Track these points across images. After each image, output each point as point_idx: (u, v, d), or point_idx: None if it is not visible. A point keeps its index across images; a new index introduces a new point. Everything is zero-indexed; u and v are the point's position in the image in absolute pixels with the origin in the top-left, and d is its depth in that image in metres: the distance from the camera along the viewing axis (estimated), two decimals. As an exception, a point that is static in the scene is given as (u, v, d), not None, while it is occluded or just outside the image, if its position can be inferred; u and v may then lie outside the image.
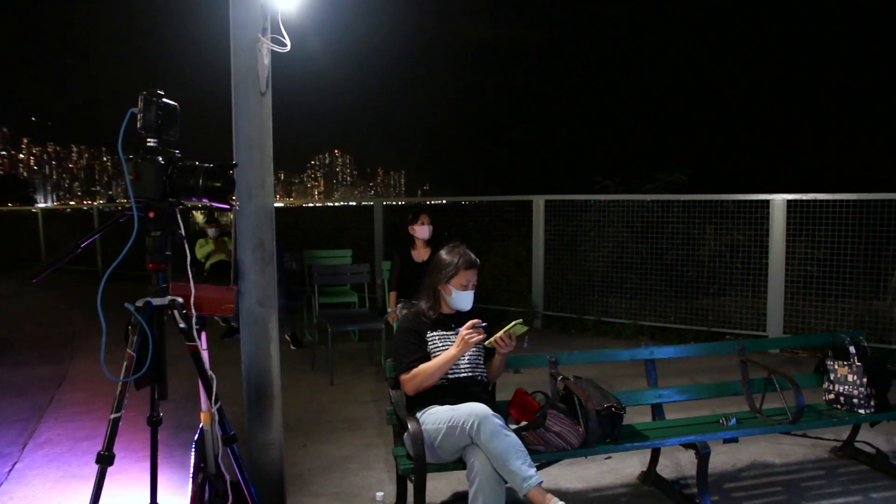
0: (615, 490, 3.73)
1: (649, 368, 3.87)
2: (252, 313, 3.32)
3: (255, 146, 3.28)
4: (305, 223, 12.60)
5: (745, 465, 4.04)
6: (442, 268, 3.38)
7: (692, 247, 7.65)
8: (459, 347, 3.12)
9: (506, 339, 3.17)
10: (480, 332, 3.13)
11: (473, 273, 3.37)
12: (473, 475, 2.86)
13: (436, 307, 3.39)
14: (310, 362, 6.51)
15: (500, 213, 9.36)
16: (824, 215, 6.69)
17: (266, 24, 3.23)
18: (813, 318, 6.81)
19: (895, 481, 3.76)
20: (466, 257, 3.37)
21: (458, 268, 3.34)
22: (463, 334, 3.11)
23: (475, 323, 3.14)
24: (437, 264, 3.43)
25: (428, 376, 3.16)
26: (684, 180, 9.04)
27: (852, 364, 3.78)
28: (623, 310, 7.95)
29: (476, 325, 3.13)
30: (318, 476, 3.92)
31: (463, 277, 3.34)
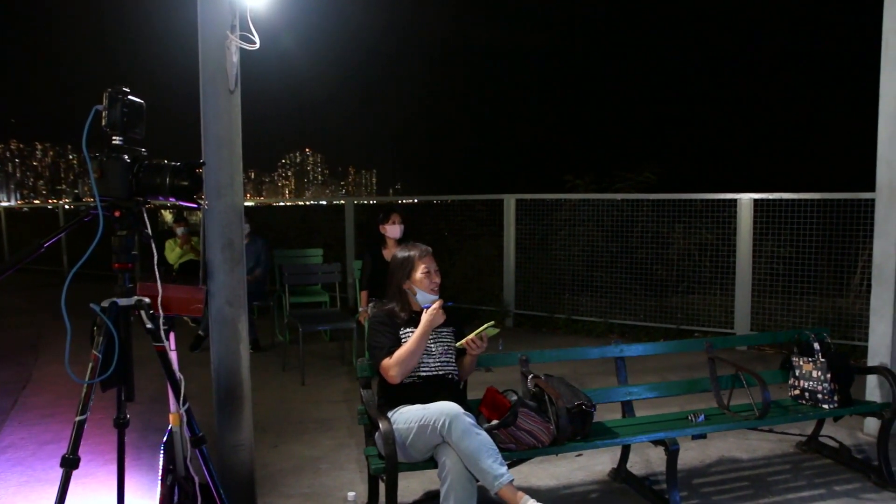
0: (586, 487, 3.76)
1: (619, 366, 3.91)
2: (222, 314, 3.29)
3: (224, 145, 3.25)
4: (276, 222, 12.51)
5: (713, 461, 4.09)
6: (400, 267, 3.41)
7: (661, 245, 7.74)
8: (430, 320, 3.18)
9: (477, 340, 3.18)
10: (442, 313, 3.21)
11: (430, 259, 3.41)
12: (445, 474, 2.86)
13: (406, 308, 3.38)
14: (281, 363, 6.46)
15: (471, 212, 9.39)
16: (790, 214, 6.80)
17: (235, 22, 3.20)
18: (779, 316, 6.93)
19: (858, 474, 3.84)
20: (418, 248, 3.43)
21: (413, 260, 3.39)
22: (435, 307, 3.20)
23: (443, 303, 3.22)
24: (394, 266, 3.45)
25: (410, 355, 3.16)
26: (654, 180, 9.13)
27: (816, 360, 3.85)
28: (594, 308, 8.01)
29: (442, 305, 3.21)
30: (289, 477, 3.89)
31: (422, 266, 3.37)
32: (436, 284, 3.38)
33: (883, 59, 4.34)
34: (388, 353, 3.21)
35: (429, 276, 3.37)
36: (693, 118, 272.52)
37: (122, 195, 2.30)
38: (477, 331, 3.18)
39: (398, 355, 3.18)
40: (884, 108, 4.35)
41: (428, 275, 3.37)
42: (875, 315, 4.46)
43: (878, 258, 4.45)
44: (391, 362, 3.18)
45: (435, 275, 3.39)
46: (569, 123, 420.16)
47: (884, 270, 4.40)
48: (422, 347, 3.19)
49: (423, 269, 3.37)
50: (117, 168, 2.28)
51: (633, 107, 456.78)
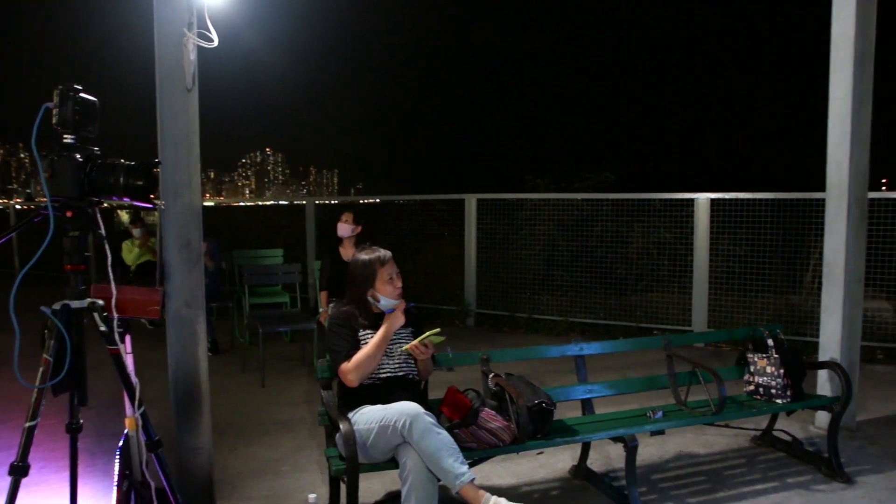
0: (547, 484, 3.79)
1: (579, 364, 3.95)
2: (179, 315, 3.25)
3: (182, 144, 3.21)
4: (236, 222, 12.38)
5: (671, 457, 4.16)
6: (362, 274, 3.34)
7: (621, 244, 7.84)
8: (391, 323, 3.19)
9: (421, 347, 3.16)
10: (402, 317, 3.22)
11: (392, 264, 3.37)
12: (406, 474, 2.86)
13: (365, 312, 3.35)
14: (240, 364, 6.38)
15: (432, 212, 9.40)
16: (745, 214, 6.95)
17: (192, 19, 3.16)
18: (735, 313, 7.07)
19: (809, 466, 3.94)
20: (378, 254, 3.37)
21: (375, 268, 3.32)
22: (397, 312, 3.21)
23: (406, 306, 3.24)
24: (355, 272, 3.37)
25: (369, 359, 3.14)
26: (613, 179, 9.24)
27: (770, 356, 3.94)
28: (554, 307, 8.08)
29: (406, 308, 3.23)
30: (249, 479, 3.85)
31: (384, 274, 3.32)
32: (399, 289, 3.35)
33: (832, 61, 4.45)
34: (346, 357, 3.18)
35: (392, 283, 3.32)
36: (651, 119, 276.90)
37: (73, 195, 2.25)
38: (420, 337, 3.17)
39: (356, 360, 3.15)
40: (833, 110, 4.47)
41: (391, 281, 3.32)
42: (826, 312, 4.57)
43: (828, 257, 4.56)
44: (349, 367, 3.16)
45: (397, 279, 3.35)
46: (529, 124, 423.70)
47: (834, 269, 4.51)
48: (381, 352, 3.17)
49: (385, 276, 3.31)
50: (69, 167, 2.23)
51: (592, 107, 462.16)
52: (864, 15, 4.34)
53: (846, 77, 4.38)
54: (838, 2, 4.40)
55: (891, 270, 6.35)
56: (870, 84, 4.43)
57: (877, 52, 4.45)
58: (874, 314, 6.53)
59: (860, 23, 4.32)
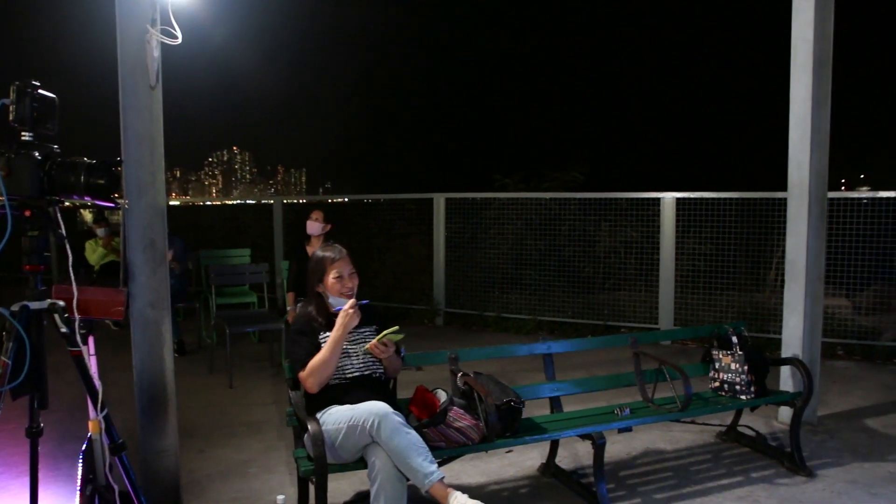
0: (516, 482, 3.81)
1: (547, 363, 3.97)
2: (144, 316, 3.21)
3: (145, 142, 3.17)
4: (203, 222, 12.22)
5: (639, 453, 4.21)
6: (314, 269, 3.34)
7: (589, 243, 7.90)
8: (343, 324, 3.12)
9: (380, 346, 3.13)
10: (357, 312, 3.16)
11: (344, 263, 3.30)
12: (375, 474, 2.85)
13: (322, 310, 3.32)
14: (208, 365, 6.31)
15: (401, 211, 9.39)
16: (710, 213, 7.05)
17: (155, 15, 3.12)
18: (701, 311, 7.17)
19: (773, 461, 4.02)
20: (332, 250, 3.34)
21: (325, 263, 3.30)
22: (347, 311, 3.13)
23: (354, 303, 3.16)
24: (309, 268, 3.38)
25: (324, 364, 3.10)
26: (580, 179, 9.31)
27: (735, 353, 4.00)
28: (523, 306, 8.12)
29: (356, 304, 3.16)
30: (216, 482, 3.81)
31: (334, 271, 3.28)
32: (349, 289, 3.28)
33: (792, 65, 4.54)
34: (302, 365, 3.15)
35: (340, 282, 3.27)
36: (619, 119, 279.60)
37: (32, 194, 2.20)
38: (378, 336, 3.14)
39: (311, 366, 3.11)
40: (794, 111, 4.55)
41: (340, 280, 3.27)
42: (788, 309, 4.65)
43: (790, 255, 4.65)
44: (305, 374, 3.13)
45: (348, 279, 3.29)
46: (498, 123, 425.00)
47: (796, 266, 4.60)
48: (336, 354, 3.13)
49: (334, 273, 3.27)
50: (27, 165, 2.18)
51: (561, 107, 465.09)
52: (822, 20, 4.43)
53: (806, 80, 4.46)
54: (797, 7, 4.49)
55: (850, 268, 6.49)
56: (828, 87, 4.53)
57: (835, 56, 4.54)
58: (834, 311, 6.67)
59: (818, 28, 4.41)
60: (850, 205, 6.48)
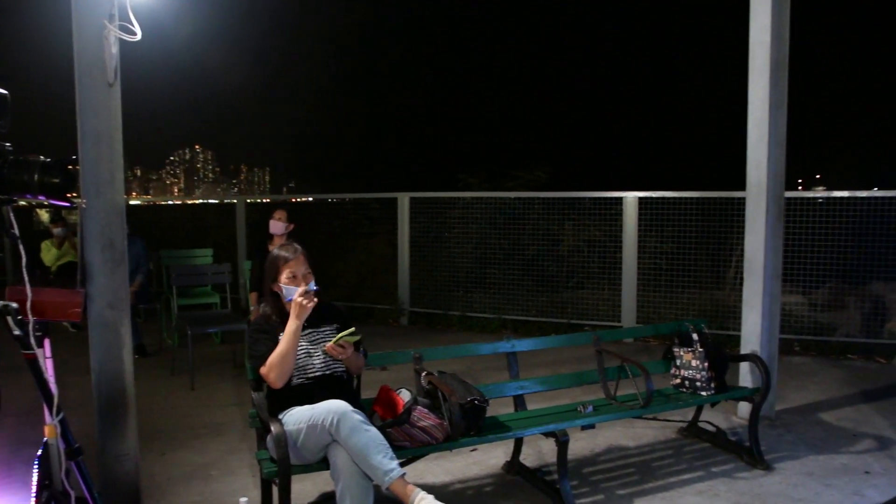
0: (480, 481, 3.82)
1: (511, 361, 3.99)
2: (102, 317, 3.16)
3: (103, 140, 3.12)
4: (164, 222, 12.03)
5: (602, 450, 4.25)
6: (269, 268, 3.31)
7: (552, 242, 7.96)
8: (296, 314, 3.08)
9: (337, 348, 3.10)
10: (311, 297, 3.11)
11: (298, 263, 3.26)
12: (337, 474, 2.84)
13: (278, 309, 3.29)
14: (169, 367, 6.22)
15: (365, 211, 9.36)
16: (672, 212, 7.15)
17: (113, 11, 3.06)
18: (663, 309, 7.27)
19: (732, 455, 4.10)
20: (288, 249, 3.30)
21: (279, 262, 3.27)
22: (296, 300, 3.08)
23: (305, 290, 3.12)
24: (265, 267, 3.35)
25: (282, 357, 3.06)
26: (544, 178, 9.37)
27: (695, 350, 4.06)
28: (487, 304, 8.15)
29: (307, 291, 3.11)
30: (178, 485, 3.76)
31: (287, 271, 3.24)
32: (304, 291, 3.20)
33: (750, 68, 4.62)
34: (263, 360, 3.12)
35: (294, 282, 3.22)
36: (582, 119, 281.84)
37: (-18, 193, 2.15)
38: (335, 338, 3.11)
39: (272, 360, 3.08)
40: (752, 113, 4.64)
41: (293, 280, 3.22)
42: (746, 306, 4.74)
43: (749, 253, 4.74)
44: (266, 369, 3.10)
45: (302, 279, 3.23)
46: (462, 122, 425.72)
47: (754, 264, 4.69)
48: (294, 346, 3.09)
49: (288, 273, 3.22)
50: (-24, 164, 2.13)
51: (524, 107, 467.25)
52: (779, 24, 4.52)
53: (763, 82, 4.55)
54: (755, 11, 4.57)
55: (806, 266, 6.64)
56: (785, 89, 4.63)
57: (792, 58, 4.64)
58: (791, 308, 6.82)
59: (775, 31, 4.50)
60: (807, 204, 6.63)
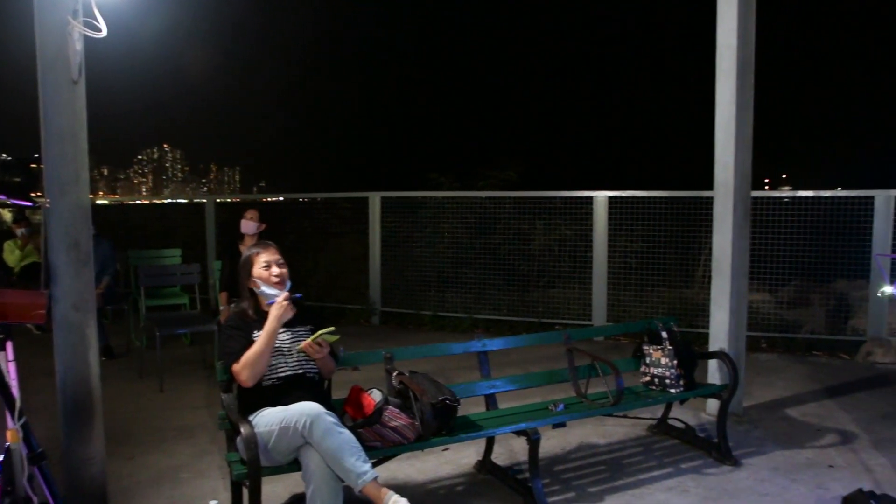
0: (452, 480, 3.83)
1: (482, 360, 3.99)
2: (67, 319, 3.11)
3: (67, 139, 3.06)
4: (132, 221, 11.86)
5: (573, 448, 4.28)
6: (243, 266, 3.32)
7: (523, 242, 7.99)
8: (277, 316, 3.09)
9: (314, 346, 3.10)
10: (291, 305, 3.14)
11: (269, 253, 3.30)
12: (309, 476, 2.82)
13: (255, 307, 3.29)
14: (137, 369, 6.13)
15: (336, 210, 9.32)
16: (641, 211, 7.22)
17: (77, 6, 3.01)
18: (633, 307, 7.34)
19: (701, 451, 4.15)
20: (256, 246, 3.35)
21: (251, 256, 3.29)
22: (279, 302, 3.11)
23: (288, 295, 3.14)
24: (240, 267, 3.36)
25: (258, 356, 3.05)
26: (515, 178, 9.40)
27: (664, 348, 4.11)
28: (459, 304, 8.16)
29: (289, 297, 3.13)
30: (146, 488, 3.71)
31: (261, 260, 3.27)
32: (277, 276, 3.26)
33: (718, 70, 4.69)
34: (237, 358, 3.10)
35: (268, 269, 3.25)
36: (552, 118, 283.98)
37: (-58, 192, 2.10)
38: (313, 336, 3.11)
39: (246, 358, 3.07)
40: (719, 114, 4.70)
41: (267, 268, 3.25)
42: (714, 304, 4.80)
43: (716, 252, 4.80)
44: (239, 367, 3.08)
45: (276, 266, 3.27)
46: (433, 122, 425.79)
47: (721, 263, 4.75)
48: (270, 346, 3.09)
49: (261, 262, 3.26)
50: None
51: (495, 106, 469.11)
52: (745, 27, 4.59)
53: (730, 84, 4.61)
54: (722, 15, 4.63)
55: (773, 265, 6.75)
56: (751, 91, 4.70)
57: (758, 60, 4.71)
58: (758, 306, 6.93)
59: (741, 35, 4.56)
60: (773, 203, 6.73)
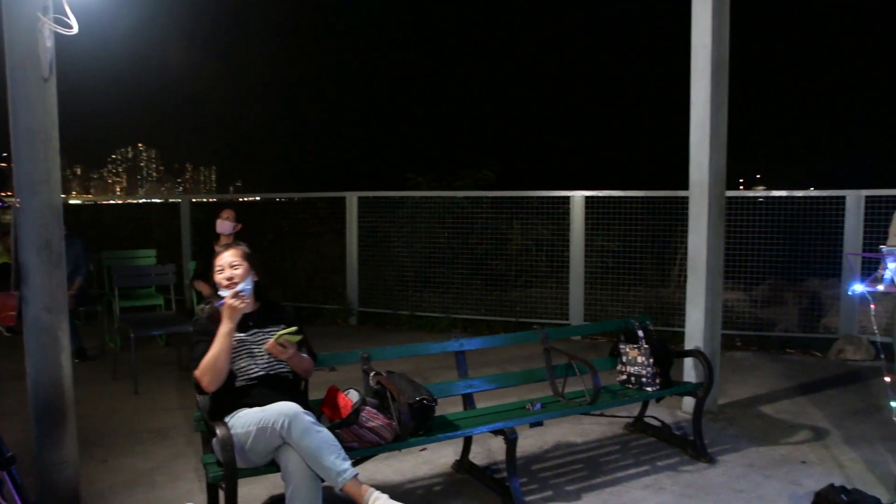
0: (430, 480, 3.83)
1: (459, 360, 3.99)
2: (39, 321, 3.06)
3: (38, 137, 3.02)
4: (105, 221, 11.71)
5: (550, 447, 4.30)
6: (210, 268, 3.29)
7: (501, 241, 8.01)
8: (227, 315, 3.04)
9: (278, 347, 3.06)
10: (242, 297, 3.08)
11: (223, 256, 3.23)
12: (288, 476, 2.81)
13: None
14: (111, 371, 6.05)
15: (313, 210, 9.28)
16: (618, 211, 7.27)
17: (47, 3, 2.97)
18: (610, 306, 7.38)
19: (677, 449, 4.19)
20: (221, 247, 3.30)
21: (213, 260, 3.25)
22: (227, 301, 3.05)
23: (234, 292, 3.07)
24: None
25: (214, 360, 3.01)
26: (492, 177, 9.41)
27: (641, 346, 4.14)
28: (436, 304, 8.15)
29: (237, 292, 3.08)
30: (120, 492, 3.67)
31: (216, 265, 3.22)
32: (227, 279, 3.18)
33: (693, 69, 4.73)
34: (196, 365, 3.07)
35: (220, 273, 3.20)
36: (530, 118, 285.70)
37: None
38: (275, 336, 3.06)
39: (203, 363, 3.03)
40: (694, 114, 4.74)
41: (221, 271, 3.20)
42: (690, 303, 4.85)
43: (692, 251, 4.84)
44: (199, 372, 3.04)
45: (228, 268, 3.20)
46: (410, 122, 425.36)
47: (697, 262, 4.80)
48: (225, 348, 3.03)
49: (217, 266, 3.22)
50: None
51: (473, 106, 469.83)
52: (720, 27, 4.63)
53: (705, 84, 4.66)
54: (696, 15, 4.67)
55: (747, 264, 6.82)
56: (726, 90, 4.74)
57: (733, 60, 4.76)
58: (733, 304, 7.00)
59: (716, 34, 4.61)
60: (748, 203, 6.81)
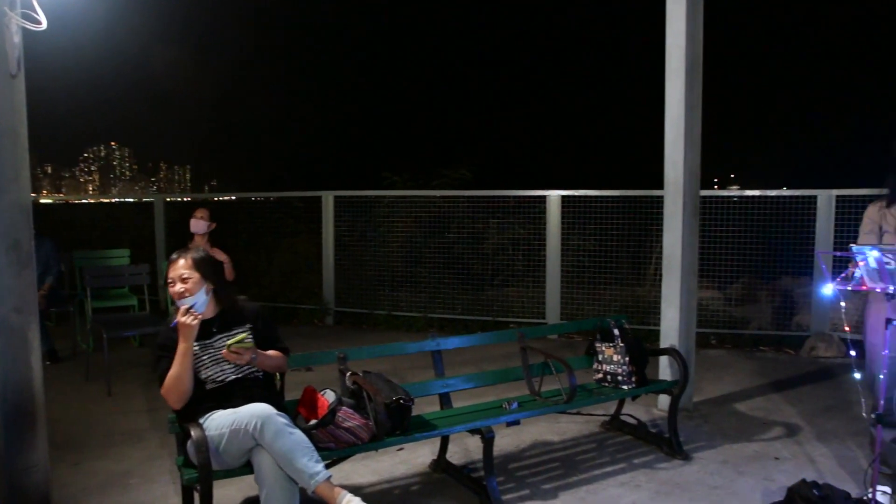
0: (407, 480, 3.82)
1: (436, 359, 3.99)
2: (8, 322, 3.01)
3: (6, 135, 2.96)
4: (77, 221, 11.54)
5: (527, 446, 4.31)
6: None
7: (478, 241, 8.02)
8: (183, 336, 2.98)
9: (232, 354, 2.99)
10: (194, 314, 2.99)
11: (173, 268, 3.13)
12: (262, 478, 2.79)
13: None
14: (84, 373, 5.97)
15: (289, 209, 9.23)
16: (594, 210, 7.30)
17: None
18: (586, 305, 7.42)
19: (653, 446, 4.22)
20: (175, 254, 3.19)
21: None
22: (180, 321, 2.97)
23: (184, 310, 2.99)
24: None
25: (176, 380, 2.97)
26: (469, 177, 9.42)
27: (616, 345, 4.16)
28: (413, 303, 8.14)
29: (187, 309, 3.00)
30: (93, 496, 3.62)
31: (168, 277, 3.14)
32: (177, 294, 3.09)
33: (667, 69, 4.76)
34: (159, 382, 3.03)
35: (171, 287, 3.11)
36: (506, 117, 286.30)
37: None
38: (227, 344, 2.99)
39: (166, 383, 2.99)
40: (669, 113, 4.78)
41: (171, 285, 3.11)
42: (665, 302, 4.89)
43: (666, 250, 4.88)
44: (164, 391, 3.01)
45: (179, 282, 3.09)
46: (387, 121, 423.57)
47: (672, 261, 4.84)
48: (185, 366, 2.97)
49: (168, 280, 3.13)
50: None
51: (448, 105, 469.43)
52: (693, 28, 4.68)
53: (679, 83, 4.70)
54: (670, 16, 4.71)
55: (721, 262, 6.90)
56: (699, 90, 4.79)
57: (707, 61, 4.81)
58: (708, 303, 7.08)
59: (690, 35, 4.65)
60: (722, 202, 6.88)
